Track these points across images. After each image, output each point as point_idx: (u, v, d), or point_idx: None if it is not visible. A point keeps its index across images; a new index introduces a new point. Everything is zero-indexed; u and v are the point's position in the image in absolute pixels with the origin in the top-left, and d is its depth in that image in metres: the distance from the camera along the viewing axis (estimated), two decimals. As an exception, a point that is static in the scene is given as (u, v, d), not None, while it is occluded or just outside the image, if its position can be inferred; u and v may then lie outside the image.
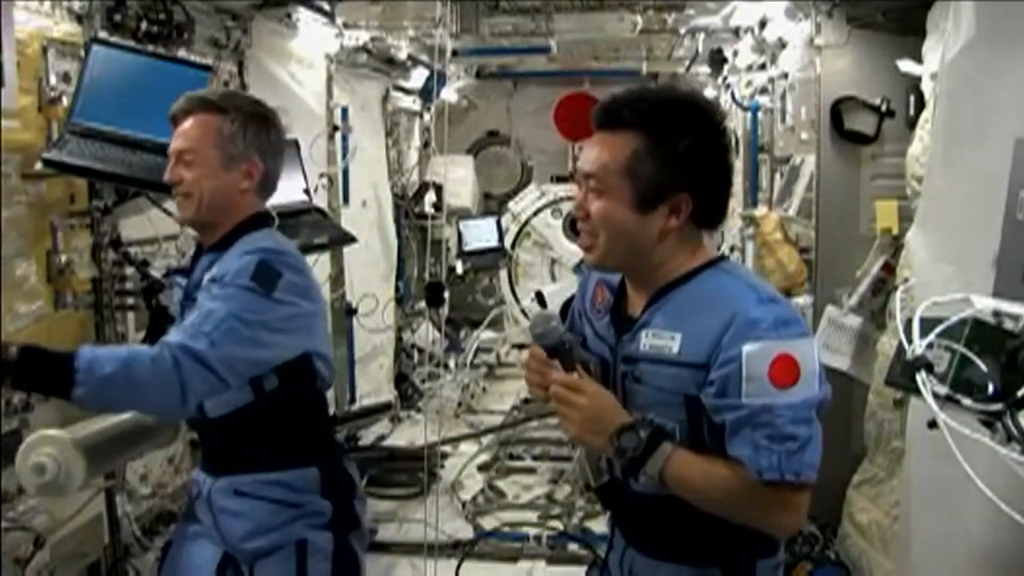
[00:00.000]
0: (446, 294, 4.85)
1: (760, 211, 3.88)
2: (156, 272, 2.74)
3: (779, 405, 1.25)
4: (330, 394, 4.65)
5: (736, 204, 5.04)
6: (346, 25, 4.26)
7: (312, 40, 4.18)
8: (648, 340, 1.38)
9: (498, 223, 5.99)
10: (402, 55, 4.91)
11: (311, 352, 1.80)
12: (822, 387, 1.29)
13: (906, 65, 2.80)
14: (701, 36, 4.38)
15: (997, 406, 1.14)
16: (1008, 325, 1.19)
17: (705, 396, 1.32)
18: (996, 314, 1.20)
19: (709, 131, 1.38)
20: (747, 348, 1.27)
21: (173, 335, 1.64)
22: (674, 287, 1.39)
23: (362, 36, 4.43)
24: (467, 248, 5.70)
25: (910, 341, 1.24)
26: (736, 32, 4.30)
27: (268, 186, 1.90)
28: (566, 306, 1.73)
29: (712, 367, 1.30)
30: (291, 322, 1.71)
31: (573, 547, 3.47)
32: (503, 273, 6.10)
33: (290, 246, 1.84)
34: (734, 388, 1.27)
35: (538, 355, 1.41)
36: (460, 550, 3.37)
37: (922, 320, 1.25)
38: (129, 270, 2.63)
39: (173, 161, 1.82)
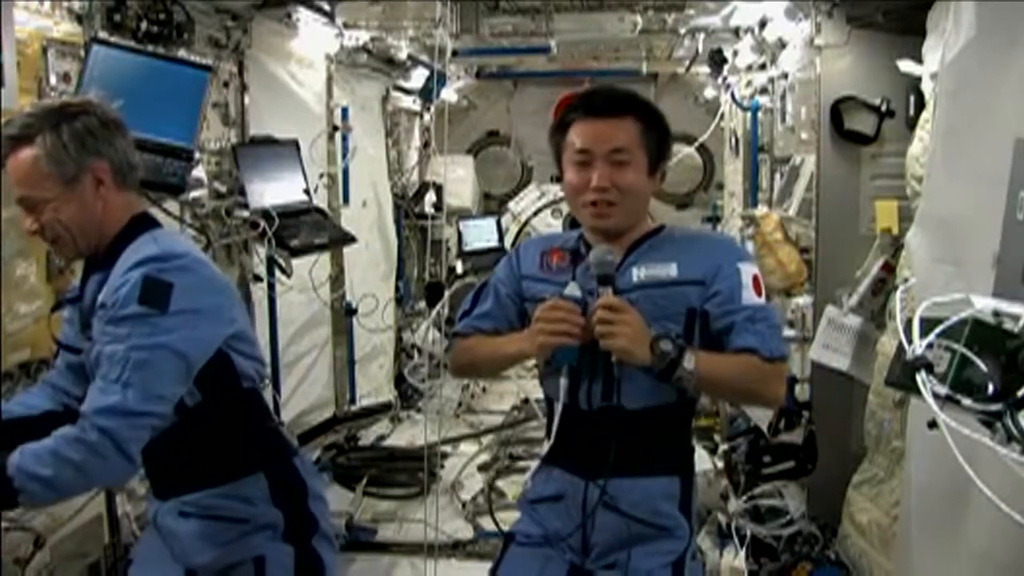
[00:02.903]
0: (446, 294, 4.86)
1: (760, 211, 3.88)
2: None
3: (765, 306, 1.72)
4: (330, 394, 4.72)
5: (736, 204, 5.05)
6: (346, 25, 4.27)
7: (312, 40, 4.18)
8: (641, 272, 1.73)
9: (498, 223, 5.99)
10: (402, 55, 4.91)
11: (230, 341, 1.70)
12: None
13: (906, 65, 2.80)
14: (701, 36, 4.38)
15: (997, 406, 1.14)
16: (1008, 325, 1.19)
17: (711, 305, 1.70)
18: (996, 314, 1.20)
19: (665, 121, 1.81)
20: (740, 266, 1.72)
21: (87, 401, 1.54)
22: (647, 239, 1.79)
23: (362, 36, 4.43)
24: (467, 248, 5.70)
25: (910, 341, 1.24)
26: (736, 32, 4.30)
27: (126, 172, 1.71)
28: (479, 291, 1.91)
29: (712, 282, 1.70)
30: (201, 323, 1.62)
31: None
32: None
33: (177, 243, 1.71)
34: (736, 295, 1.69)
35: (565, 304, 1.66)
36: (460, 550, 3.38)
37: (922, 320, 1.25)
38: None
39: (23, 213, 1.66)
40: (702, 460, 3.81)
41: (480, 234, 5.86)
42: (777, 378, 1.71)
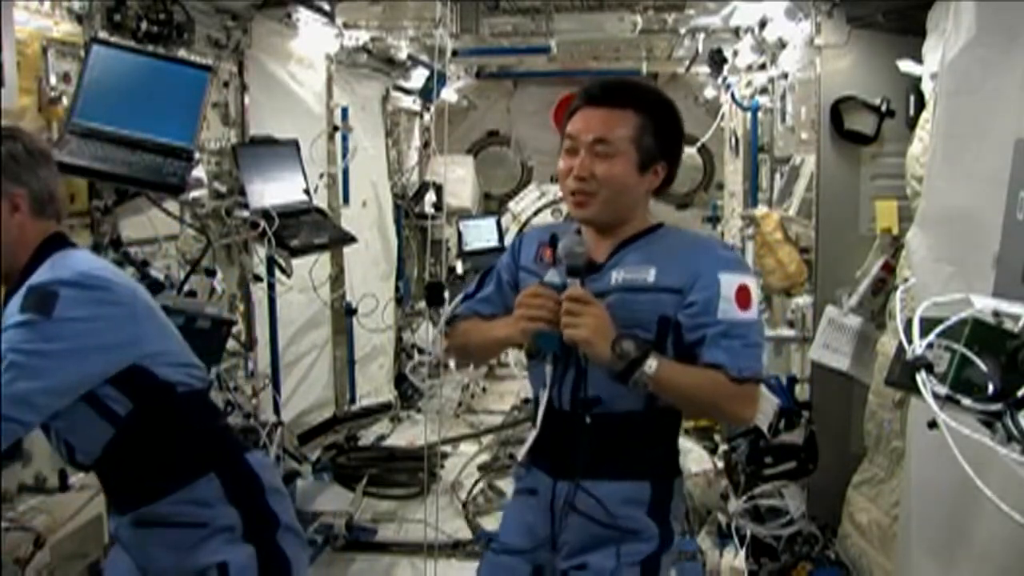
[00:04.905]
0: (446, 294, 4.85)
1: (760, 211, 3.88)
2: (156, 272, 2.75)
3: (746, 321, 1.62)
4: (330, 394, 4.73)
5: (736, 204, 5.05)
6: (346, 25, 4.26)
7: (312, 40, 4.18)
8: (620, 275, 1.68)
9: (498, 223, 5.99)
10: (402, 55, 4.91)
11: (141, 361, 1.65)
12: (760, 313, 1.70)
13: (906, 65, 2.80)
14: (701, 36, 4.38)
15: (997, 406, 1.14)
16: (1008, 325, 1.19)
17: (684, 315, 1.64)
18: (996, 314, 1.20)
19: (677, 118, 1.74)
20: (722, 276, 1.62)
21: None
22: (636, 239, 1.73)
23: (362, 36, 4.43)
24: (467, 248, 5.70)
25: (910, 341, 1.24)
26: (736, 32, 4.30)
27: (44, 203, 1.66)
28: (485, 275, 1.92)
29: (689, 291, 1.63)
30: (92, 337, 1.56)
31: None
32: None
33: (76, 262, 1.64)
34: (712, 307, 1.61)
35: (544, 290, 1.64)
36: (460, 550, 3.38)
37: (922, 320, 1.25)
38: (129, 270, 2.62)
39: None
40: (702, 460, 3.82)
41: (480, 234, 5.86)
42: (743, 399, 1.63)
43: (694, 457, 3.79)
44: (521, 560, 1.79)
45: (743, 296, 1.63)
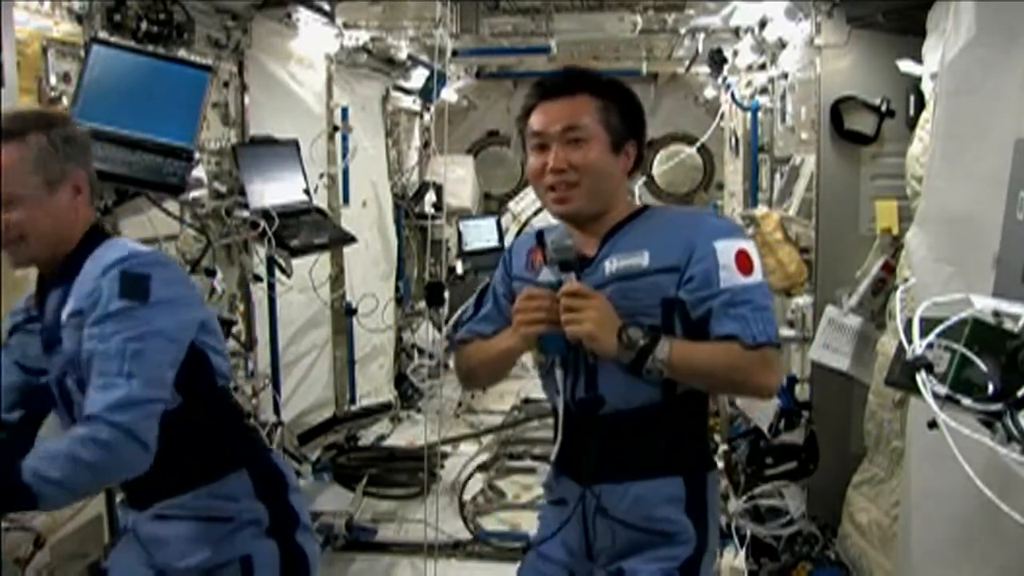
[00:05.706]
0: (446, 294, 4.86)
1: (760, 211, 3.88)
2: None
3: (750, 286, 1.57)
4: (330, 394, 4.73)
5: (736, 204, 5.05)
6: (346, 25, 4.27)
7: (312, 40, 4.18)
8: (613, 265, 1.63)
9: (498, 223, 5.99)
10: (402, 55, 4.91)
11: (201, 338, 1.70)
12: (764, 275, 1.64)
13: (906, 65, 2.80)
14: (701, 36, 4.38)
15: (997, 406, 1.14)
16: (1008, 325, 1.19)
17: (686, 292, 1.58)
18: (996, 314, 1.20)
19: (634, 96, 1.72)
20: (717, 244, 1.58)
21: (92, 402, 1.51)
22: (622, 226, 1.68)
23: (362, 36, 4.43)
24: (467, 248, 5.71)
25: (910, 341, 1.24)
26: (736, 32, 4.30)
27: (95, 187, 1.72)
28: (481, 294, 1.90)
29: (687, 266, 1.58)
30: (183, 310, 1.64)
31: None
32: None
33: (140, 245, 1.71)
34: (713, 278, 1.56)
35: (539, 292, 1.62)
36: (460, 550, 3.38)
37: (922, 320, 1.25)
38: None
39: None
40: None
41: (480, 234, 5.87)
42: (762, 366, 1.55)
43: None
44: (558, 568, 1.75)
45: (743, 260, 1.58)
